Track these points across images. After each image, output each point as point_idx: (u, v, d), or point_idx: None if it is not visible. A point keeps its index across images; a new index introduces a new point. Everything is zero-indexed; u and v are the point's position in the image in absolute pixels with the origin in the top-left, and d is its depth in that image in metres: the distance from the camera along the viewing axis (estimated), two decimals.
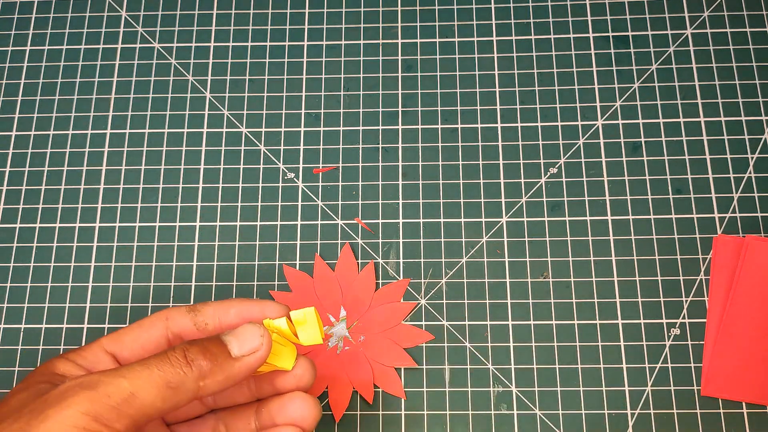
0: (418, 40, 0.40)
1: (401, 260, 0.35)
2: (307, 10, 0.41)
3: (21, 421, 0.21)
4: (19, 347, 0.35)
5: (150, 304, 0.35)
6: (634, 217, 0.36)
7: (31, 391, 0.23)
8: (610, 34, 0.39)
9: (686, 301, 0.34)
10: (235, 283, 0.35)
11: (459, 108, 0.38)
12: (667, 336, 0.34)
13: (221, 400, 0.28)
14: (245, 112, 0.39)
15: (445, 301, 0.35)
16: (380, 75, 0.39)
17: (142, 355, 0.26)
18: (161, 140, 0.38)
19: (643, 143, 0.37)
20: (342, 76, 0.39)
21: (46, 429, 0.21)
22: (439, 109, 0.38)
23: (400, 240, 0.36)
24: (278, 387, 0.27)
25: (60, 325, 0.35)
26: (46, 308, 0.35)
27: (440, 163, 0.37)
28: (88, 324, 0.35)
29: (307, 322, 0.26)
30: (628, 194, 0.36)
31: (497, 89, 0.38)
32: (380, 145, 0.38)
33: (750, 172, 0.36)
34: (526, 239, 0.36)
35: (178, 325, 0.27)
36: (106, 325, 0.35)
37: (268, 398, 0.27)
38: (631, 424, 0.32)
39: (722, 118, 0.37)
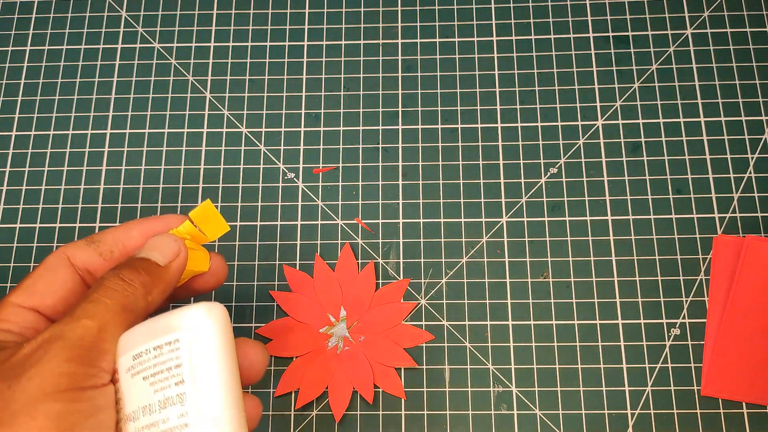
0: (418, 40, 0.40)
1: (401, 260, 0.35)
2: (307, 10, 0.41)
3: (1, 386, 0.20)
4: None
5: None
6: (634, 217, 0.36)
7: None
8: (610, 34, 0.39)
9: (686, 301, 0.34)
10: (235, 283, 0.35)
11: (459, 108, 0.38)
12: (667, 336, 0.34)
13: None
14: (245, 112, 0.39)
15: (445, 301, 0.35)
16: (380, 75, 0.39)
17: (67, 299, 0.25)
18: (161, 140, 0.38)
19: (643, 143, 0.37)
20: (342, 76, 0.39)
21: (35, 387, 0.20)
22: (439, 109, 0.38)
23: (400, 240, 0.36)
24: (196, 288, 0.27)
25: None
26: None
27: (440, 163, 0.37)
28: None
29: (207, 216, 0.27)
30: (628, 194, 0.36)
31: (497, 89, 0.38)
32: (380, 145, 0.38)
33: (750, 172, 0.36)
34: (526, 239, 0.36)
35: (81, 260, 0.26)
36: None
37: None
38: (631, 424, 0.32)
39: (722, 118, 0.37)
